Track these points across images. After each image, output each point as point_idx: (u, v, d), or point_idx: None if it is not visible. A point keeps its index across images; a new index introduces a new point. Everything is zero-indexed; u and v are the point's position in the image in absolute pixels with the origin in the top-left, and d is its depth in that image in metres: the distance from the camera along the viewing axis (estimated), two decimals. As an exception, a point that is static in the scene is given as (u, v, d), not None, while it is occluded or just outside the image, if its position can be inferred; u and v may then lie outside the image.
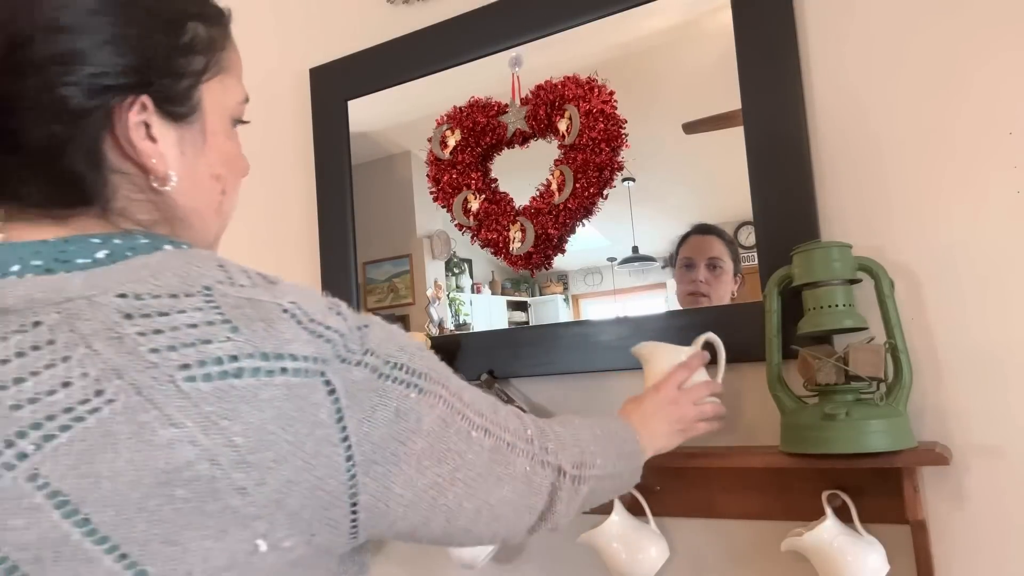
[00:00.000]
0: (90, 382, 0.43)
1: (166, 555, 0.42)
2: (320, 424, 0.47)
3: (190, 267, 0.49)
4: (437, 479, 0.54)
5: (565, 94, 1.23)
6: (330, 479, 0.48)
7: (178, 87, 0.54)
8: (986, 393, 0.94)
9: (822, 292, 0.93)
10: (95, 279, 0.47)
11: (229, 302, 0.47)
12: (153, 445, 0.42)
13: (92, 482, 0.42)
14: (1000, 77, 0.95)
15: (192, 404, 0.44)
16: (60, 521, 0.42)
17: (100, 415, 0.43)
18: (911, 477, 0.90)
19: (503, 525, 0.63)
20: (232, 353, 0.45)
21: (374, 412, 0.50)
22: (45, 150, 0.49)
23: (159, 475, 0.42)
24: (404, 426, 0.52)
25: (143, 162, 0.52)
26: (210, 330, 0.46)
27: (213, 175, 0.58)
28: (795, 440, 0.93)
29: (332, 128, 1.47)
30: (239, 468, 0.44)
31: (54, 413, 0.43)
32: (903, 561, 0.95)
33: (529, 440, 0.65)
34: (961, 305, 0.96)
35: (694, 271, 1.16)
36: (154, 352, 0.44)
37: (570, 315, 1.28)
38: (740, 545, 1.08)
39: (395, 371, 0.52)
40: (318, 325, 0.49)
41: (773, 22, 1.07)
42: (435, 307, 1.38)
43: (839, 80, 1.04)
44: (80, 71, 0.48)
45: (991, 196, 0.95)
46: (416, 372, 0.54)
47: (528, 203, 1.28)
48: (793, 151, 1.05)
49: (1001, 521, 0.93)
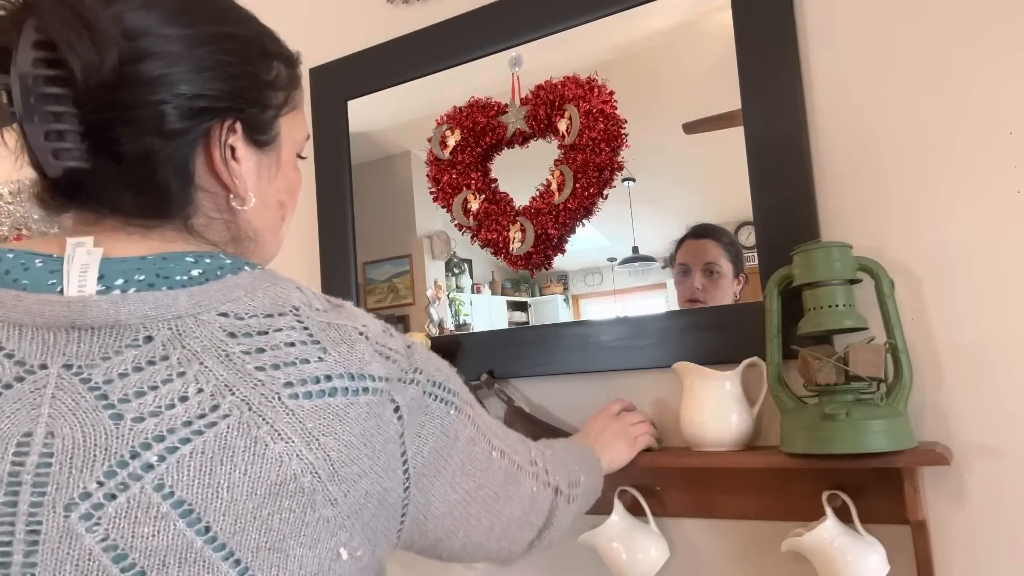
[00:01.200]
0: (206, 397, 0.47)
1: (272, 562, 0.46)
2: (391, 440, 0.52)
3: (276, 288, 0.54)
4: (465, 494, 0.59)
5: (565, 94, 1.23)
6: (393, 491, 0.52)
7: (263, 116, 0.59)
8: (986, 393, 0.94)
9: (822, 292, 0.93)
10: (197, 297, 0.50)
11: (316, 325, 0.52)
12: (265, 458, 0.46)
13: (213, 492, 0.45)
14: (1000, 77, 0.95)
15: (297, 420, 0.47)
16: (184, 529, 0.44)
17: (217, 429, 0.46)
18: (911, 477, 0.90)
19: (509, 541, 0.68)
20: (326, 373, 0.50)
21: (423, 428, 0.55)
22: (142, 160, 0.53)
23: (271, 486, 0.46)
24: (446, 442, 0.57)
25: (228, 181, 0.57)
26: (304, 350, 0.50)
27: (279, 201, 0.64)
28: (795, 440, 0.93)
29: (332, 128, 1.47)
30: (332, 481, 0.48)
31: (175, 427, 0.46)
32: (903, 561, 0.95)
33: (533, 462, 0.71)
34: (961, 305, 0.96)
35: (690, 278, 1.15)
36: (260, 370, 0.48)
37: (570, 315, 1.28)
38: (740, 545, 1.08)
39: (437, 390, 0.57)
40: (383, 347, 0.54)
41: (773, 22, 1.07)
42: (435, 307, 1.38)
43: (839, 80, 1.04)
44: (181, 92, 0.53)
45: (991, 196, 0.95)
46: (452, 391, 0.59)
47: (528, 203, 1.28)
48: (793, 151, 1.04)
49: (1001, 521, 0.93)
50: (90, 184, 0.54)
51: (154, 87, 0.52)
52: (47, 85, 0.49)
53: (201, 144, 0.55)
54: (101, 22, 0.49)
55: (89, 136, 0.51)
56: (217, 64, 0.55)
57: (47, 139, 0.50)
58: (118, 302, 0.48)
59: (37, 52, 0.48)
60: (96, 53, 0.49)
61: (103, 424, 0.45)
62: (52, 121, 0.50)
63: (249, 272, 0.55)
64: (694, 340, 1.10)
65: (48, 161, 0.51)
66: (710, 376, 1.02)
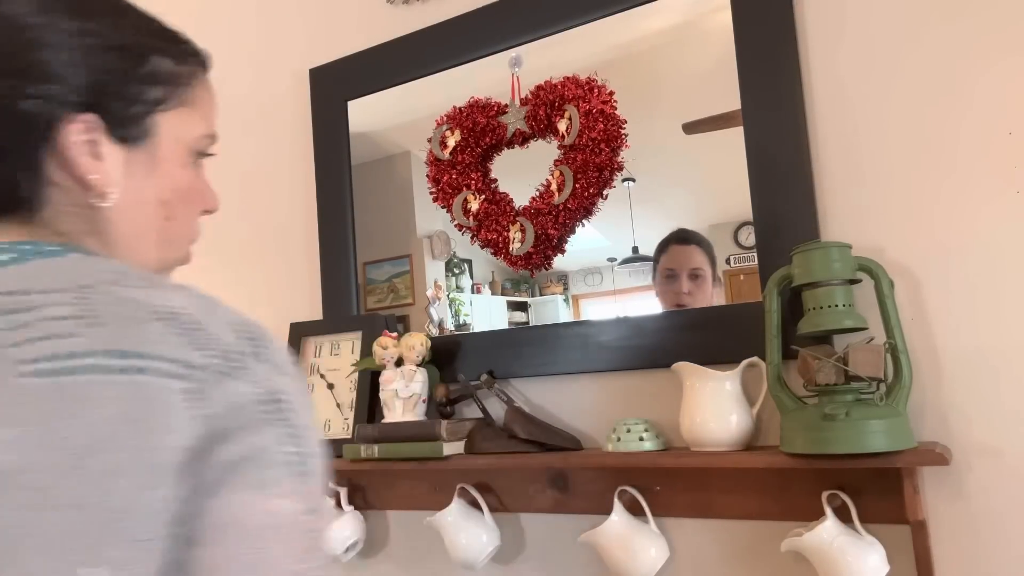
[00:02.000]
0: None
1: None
2: (174, 431, 0.44)
3: (78, 268, 0.50)
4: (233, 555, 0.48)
5: (565, 94, 1.23)
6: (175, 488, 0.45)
7: (129, 111, 0.56)
8: (986, 393, 0.94)
9: (822, 292, 0.93)
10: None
11: (106, 300, 0.47)
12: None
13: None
14: (1000, 77, 0.95)
15: (28, 399, 0.43)
16: None
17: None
18: (911, 477, 0.90)
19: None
20: (83, 349, 0.44)
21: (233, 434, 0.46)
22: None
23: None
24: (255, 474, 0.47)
25: (82, 177, 0.54)
26: (67, 325, 0.45)
27: (160, 200, 0.60)
28: (795, 440, 0.93)
29: (332, 128, 1.47)
30: (72, 474, 0.42)
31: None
32: (903, 561, 0.95)
33: None
34: (961, 305, 0.96)
35: (677, 283, 1.17)
36: (14, 347, 0.44)
37: (570, 315, 1.28)
38: (740, 545, 1.08)
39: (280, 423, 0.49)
40: (199, 332, 0.47)
41: (773, 22, 1.07)
42: (435, 307, 1.38)
43: (839, 80, 1.04)
44: (32, 85, 0.51)
45: (991, 196, 0.95)
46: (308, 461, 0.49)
47: (528, 203, 1.28)
48: (793, 151, 1.05)
49: (1001, 521, 0.93)
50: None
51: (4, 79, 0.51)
52: None
53: (50, 137, 0.53)
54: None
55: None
56: (75, 58, 0.53)
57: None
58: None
59: None
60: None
61: None
62: None
63: (70, 257, 0.52)
64: (694, 340, 1.10)
65: None
66: (710, 376, 1.02)
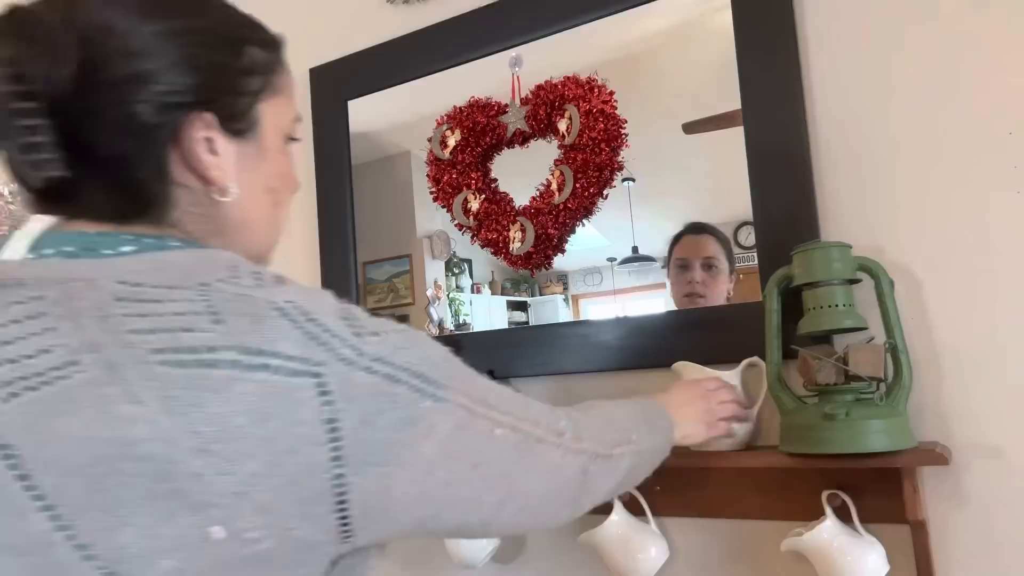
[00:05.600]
0: (68, 352, 0.46)
1: (102, 525, 0.43)
2: (300, 423, 0.47)
3: (198, 264, 0.51)
4: (450, 476, 0.54)
5: (565, 94, 1.23)
6: (309, 477, 0.47)
7: (238, 105, 0.58)
8: (986, 393, 0.94)
9: (822, 292, 0.93)
10: (101, 266, 0.50)
11: (223, 297, 0.48)
12: (111, 416, 0.44)
13: (41, 440, 0.44)
14: (1000, 77, 0.95)
15: (160, 386, 0.45)
16: (4, 471, 0.44)
17: (67, 382, 0.45)
18: (911, 477, 0.90)
19: (530, 516, 0.64)
20: (210, 344, 0.46)
21: (378, 417, 0.50)
22: (117, 161, 0.53)
23: (110, 445, 0.44)
24: (411, 432, 0.51)
25: (205, 174, 0.57)
26: (194, 320, 0.47)
27: (268, 188, 0.63)
28: (795, 440, 0.93)
29: (332, 128, 1.47)
30: (198, 455, 0.44)
31: (27, 375, 0.45)
32: (903, 561, 0.95)
33: (560, 432, 0.65)
34: (961, 305, 0.96)
35: (689, 272, 1.15)
36: (134, 333, 0.46)
37: (570, 315, 1.28)
38: (740, 545, 1.08)
39: (410, 378, 0.52)
40: (317, 327, 0.49)
41: (773, 22, 1.07)
42: (435, 307, 1.38)
43: (839, 80, 1.04)
44: (150, 90, 0.52)
45: (991, 196, 0.95)
46: (434, 381, 0.54)
47: (528, 203, 1.28)
48: (793, 151, 1.05)
49: (1001, 521, 0.93)
50: (71, 190, 0.54)
51: (121, 88, 0.52)
52: (15, 101, 0.50)
53: (175, 140, 0.55)
54: (56, 31, 0.50)
55: (65, 144, 0.52)
56: (183, 58, 0.54)
57: (23, 152, 0.51)
58: (26, 265, 0.50)
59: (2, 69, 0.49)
60: (57, 66, 0.49)
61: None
62: (26, 135, 0.50)
63: (186, 251, 0.53)
64: (694, 340, 1.10)
65: (27, 173, 0.52)
66: (710, 376, 1.02)
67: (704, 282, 1.13)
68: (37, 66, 0.49)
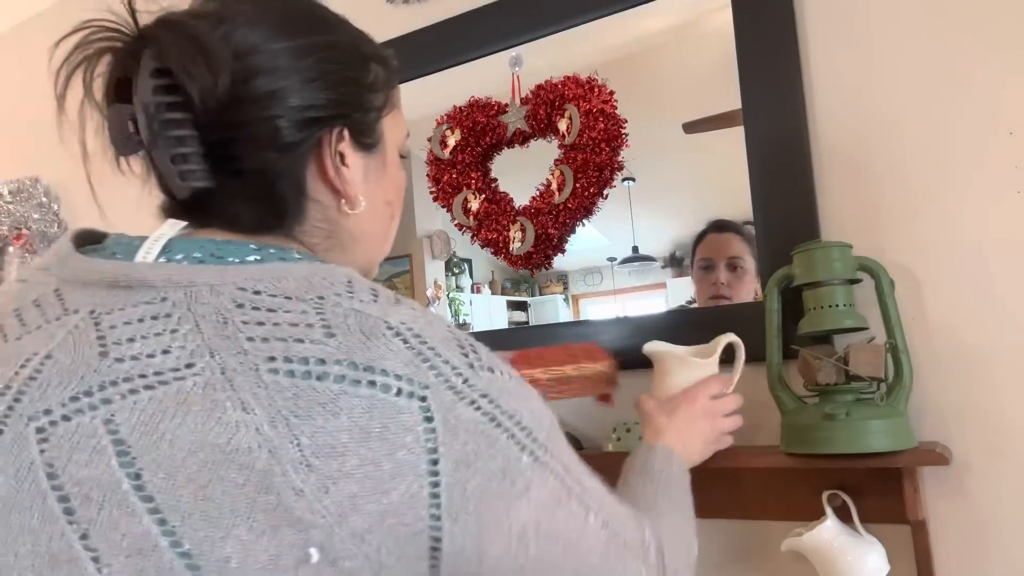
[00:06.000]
0: (185, 354, 0.46)
1: (205, 533, 0.43)
2: (404, 447, 0.45)
3: (315, 277, 0.51)
4: (541, 554, 0.52)
5: (565, 94, 1.23)
6: (408, 510, 0.45)
7: (367, 120, 0.60)
8: (986, 393, 0.94)
9: (822, 292, 0.93)
10: (224, 272, 0.50)
11: (338, 312, 0.48)
12: (220, 422, 0.44)
13: (154, 441, 0.44)
14: (1001, 77, 0.95)
15: (268, 395, 0.44)
16: (116, 468, 0.44)
17: (183, 384, 0.45)
18: (911, 477, 0.90)
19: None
20: (320, 356, 0.46)
21: (476, 459, 0.47)
22: (261, 175, 0.55)
23: (216, 451, 0.43)
24: (507, 486, 0.48)
25: (340, 187, 0.58)
26: (307, 331, 0.47)
27: (387, 201, 0.65)
28: (795, 440, 0.93)
29: (332, 128, 1.47)
30: (299, 469, 0.43)
31: (146, 373, 0.46)
32: (903, 561, 0.95)
33: (646, 546, 0.62)
34: (961, 305, 0.96)
35: (714, 273, 1.11)
36: (249, 340, 0.46)
37: (570, 315, 1.28)
38: (740, 545, 1.08)
39: (514, 427, 0.50)
40: (429, 350, 0.48)
41: (773, 22, 1.07)
42: (435, 307, 1.38)
43: (839, 80, 1.04)
44: (291, 105, 0.54)
45: (991, 196, 0.95)
46: (537, 440, 0.51)
47: (528, 203, 1.28)
48: (793, 151, 1.04)
49: (1001, 521, 0.93)
50: (212, 202, 0.56)
51: (267, 103, 0.54)
52: (168, 111, 0.51)
53: (313, 154, 0.57)
54: (213, 45, 0.51)
55: (211, 156, 0.53)
56: (322, 73, 0.56)
57: (173, 162, 0.52)
58: (155, 268, 0.51)
59: (156, 80, 0.51)
60: (211, 76, 0.51)
61: (91, 358, 0.47)
62: (176, 145, 0.52)
63: (301, 263, 0.53)
64: (694, 340, 1.10)
65: (175, 183, 0.53)
66: (681, 356, 0.94)
67: (729, 283, 1.10)
68: (195, 79, 0.50)
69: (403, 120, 0.67)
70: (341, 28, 0.61)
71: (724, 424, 0.92)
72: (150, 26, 0.53)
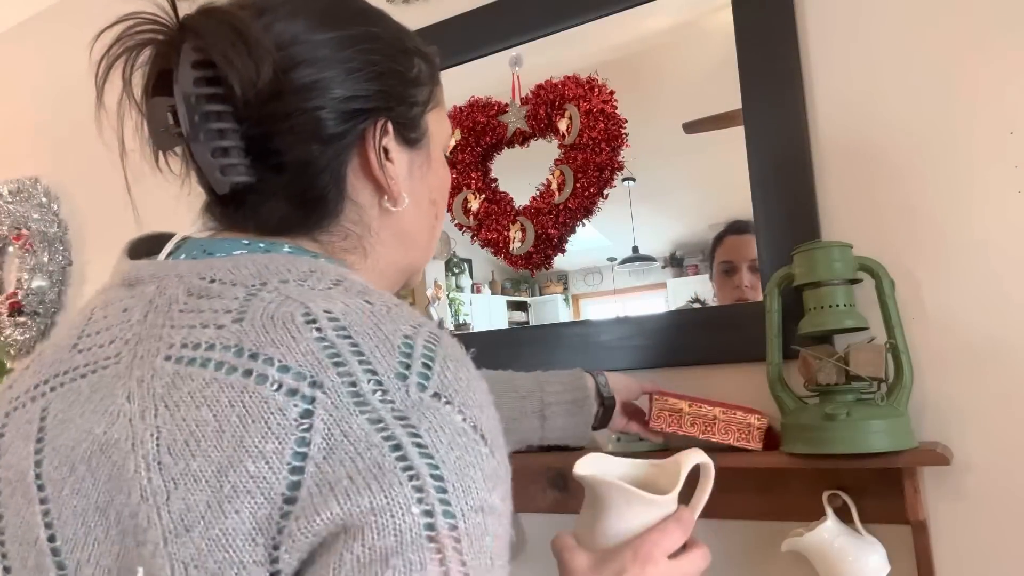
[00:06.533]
0: (120, 343, 0.47)
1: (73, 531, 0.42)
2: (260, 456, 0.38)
3: (273, 264, 0.49)
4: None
5: (565, 94, 1.23)
6: (244, 544, 0.37)
7: (411, 114, 0.58)
8: (987, 393, 0.94)
9: (823, 292, 0.93)
10: (196, 264, 0.50)
11: (265, 298, 0.45)
12: (106, 412, 0.43)
13: (62, 430, 0.45)
14: (1001, 76, 0.95)
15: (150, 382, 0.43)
16: (30, 454, 0.45)
17: (105, 372, 0.45)
18: (912, 477, 0.90)
19: None
20: (211, 342, 0.42)
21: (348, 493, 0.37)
22: (303, 168, 0.53)
23: (94, 442, 0.43)
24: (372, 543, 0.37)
25: (384, 182, 0.56)
26: (219, 317, 0.45)
27: (431, 200, 0.62)
28: (796, 440, 0.92)
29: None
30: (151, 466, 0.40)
31: (90, 362, 0.47)
32: (904, 561, 0.95)
33: None
34: (962, 305, 0.96)
35: (737, 275, 1.09)
36: (171, 328, 0.45)
37: (570, 315, 1.28)
38: (740, 545, 1.08)
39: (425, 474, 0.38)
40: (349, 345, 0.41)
41: (773, 22, 1.07)
42: (435, 307, 1.37)
43: (839, 79, 1.04)
44: (334, 96, 0.53)
45: (992, 196, 0.95)
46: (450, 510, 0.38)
47: (528, 203, 1.28)
48: (793, 150, 1.04)
49: (1001, 521, 0.93)
50: (252, 197, 0.54)
51: (309, 94, 0.52)
52: (209, 103, 0.50)
53: (357, 147, 0.55)
54: (256, 35, 0.50)
55: (251, 150, 0.52)
56: (364, 64, 0.55)
57: (213, 156, 0.51)
58: (150, 265, 0.52)
59: (197, 71, 0.49)
60: (253, 65, 0.49)
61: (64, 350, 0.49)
62: (217, 138, 0.51)
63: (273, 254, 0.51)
64: (694, 340, 1.10)
65: (216, 178, 0.51)
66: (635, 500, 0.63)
67: (753, 285, 1.07)
68: (236, 69, 0.49)
69: (447, 118, 0.65)
70: (383, 21, 0.59)
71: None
72: (192, 16, 0.51)
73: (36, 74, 2.18)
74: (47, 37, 2.15)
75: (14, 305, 1.98)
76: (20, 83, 2.22)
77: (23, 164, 2.13)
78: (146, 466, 0.39)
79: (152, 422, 0.40)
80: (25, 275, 2.00)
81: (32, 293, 1.99)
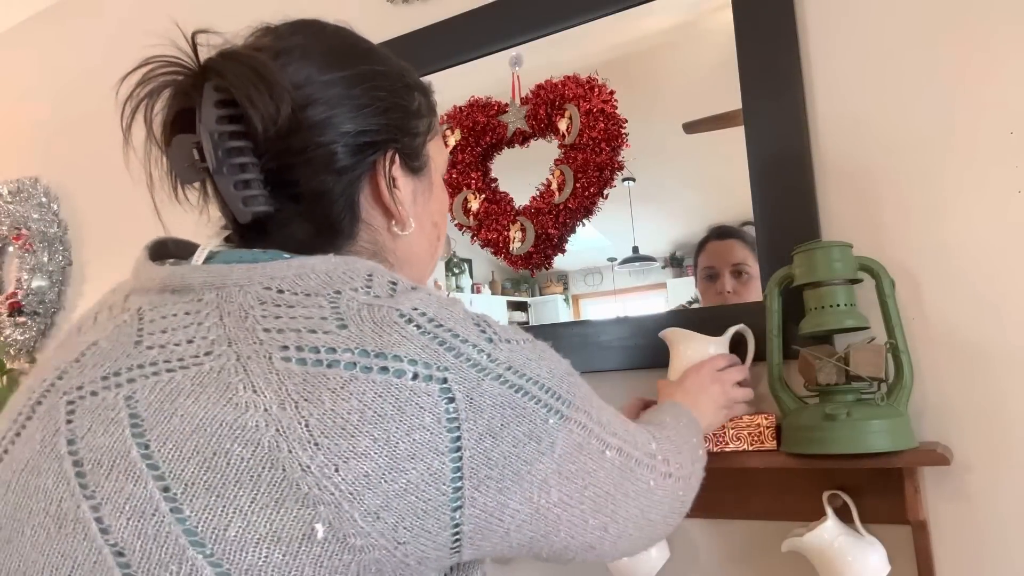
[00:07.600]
0: (206, 343, 0.50)
1: (206, 503, 0.45)
2: (422, 427, 0.47)
3: (335, 272, 0.53)
4: (562, 496, 0.54)
5: (565, 94, 1.23)
6: (428, 486, 0.47)
7: (415, 144, 0.65)
8: (987, 393, 0.94)
9: (823, 292, 0.93)
10: (252, 271, 0.53)
11: (352, 305, 0.51)
12: (230, 402, 0.47)
13: (166, 416, 0.47)
14: (1001, 76, 0.95)
15: (279, 380, 0.47)
16: (128, 437, 0.47)
17: (200, 368, 0.49)
18: (912, 477, 0.90)
19: (628, 543, 0.63)
20: (330, 346, 0.48)
21: (503, 429, 0.50)
22: (319, 198, 0.59)
23: (223, 427, 0.46)
24: (534, 448, 0.51)
25: (393, 208, 0.62)
26: (321, 324, 0.49)
27: (433, 223, 0.69)
28: (796, 440, 0.92)
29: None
30: (306, 448, 0.45)
31: (169, 359, 0.50)
32: (904, 561, 0.95)
33: (653, 455, 0.66)
34: (962, 305, 0.96)
35: (719, 281, 1.11)
36: (265, 331, 0.49)
37: (570, 315, 1.28)
38: (740, 545, 1.08)
39: (540, 392, 0.53)
40: (446, 332, 0.50)
41: (773, 22, 1.07)
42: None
43: (839, 79, 1.04)
44: (346, 131, 0.59)
45: (992, 196, 0.95)
46: (561, 397, 0.54)
47: (528, 203, 1.28)
48: (794, 150, 1.04)
49: (1001, 521, 0.93)
50: (271, 225, 0.59)
51: (323, 129, 0.57)
52: (232, 139, 0.55)
53: (368, 177, 0.61)
54: (274, 76, 0.55)
55: (270, 181, 0.58)
56: (372, 100, 0.60)
57: (236, 188, 0.56)
58: (195, 271, 0.55)
59: (220, 110, 0.54)
60: (274, 106, 0.54)
61: (127, 345, 0.52)
62: (239, 172, 0.56)
63: (326, 258, 0.55)
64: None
65: (239, 208, 0.56)
66: (696, 338, 1.00)
67: (736, 291, 1.09)
68: (257, 108, 0.54)
69: (443, 145, 0.71)
70: (386, 59, 0.65)
71: (735, 392, 0.96)
72: (213, 58, 0.56)
73: (36, 74, 2.18)
74: (47, 37, 2.15)
75: (14, 305, 1.99)
76: (20, 83, 2.22)
77: (23, 164, 2.13)
78: (301, 447, 0.45)
79: (295, 413, 0.46)
80: (25, 275, 2.00)
81: (32, 293, 1.99)
